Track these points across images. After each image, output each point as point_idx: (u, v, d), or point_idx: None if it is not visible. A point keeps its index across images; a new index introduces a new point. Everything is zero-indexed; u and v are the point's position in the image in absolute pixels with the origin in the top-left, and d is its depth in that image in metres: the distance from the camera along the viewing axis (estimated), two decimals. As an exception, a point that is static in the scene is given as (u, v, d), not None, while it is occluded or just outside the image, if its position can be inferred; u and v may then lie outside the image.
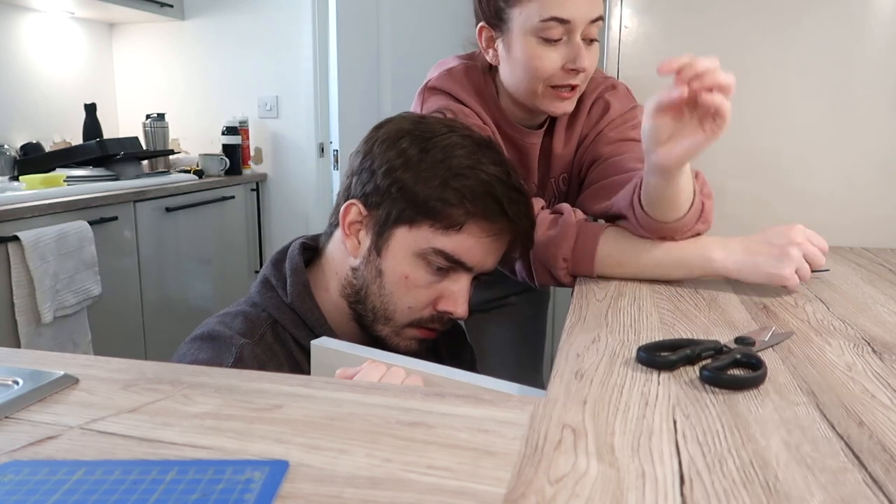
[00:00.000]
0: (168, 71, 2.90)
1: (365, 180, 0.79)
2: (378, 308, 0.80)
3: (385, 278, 0.78)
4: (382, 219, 0.78)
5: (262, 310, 0.82)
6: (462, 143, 0.78)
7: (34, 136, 2.47)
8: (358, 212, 0.80)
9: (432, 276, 0.78)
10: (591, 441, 0.43)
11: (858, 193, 1.26)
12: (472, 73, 1.05)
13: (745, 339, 0.63)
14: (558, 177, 1.12)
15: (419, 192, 0.75)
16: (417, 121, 0.81)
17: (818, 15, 1.23)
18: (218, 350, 0.75)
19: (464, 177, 0.75)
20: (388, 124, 0.82)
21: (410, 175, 0.76)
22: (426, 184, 0.75)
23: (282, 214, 2.91)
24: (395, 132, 0.79)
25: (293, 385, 0.51)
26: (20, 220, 1.70)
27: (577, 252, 0.90)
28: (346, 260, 0.82)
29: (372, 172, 0.78)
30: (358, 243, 0.80)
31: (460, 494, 0.36)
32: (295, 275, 0.82)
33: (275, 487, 0.36)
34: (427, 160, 0.76)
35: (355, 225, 0.80)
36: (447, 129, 0.79)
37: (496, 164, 0.78)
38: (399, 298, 0.79)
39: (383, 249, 0.78)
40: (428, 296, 0.79)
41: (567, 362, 0.59)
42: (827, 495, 0.37)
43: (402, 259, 0.78)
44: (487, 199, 0.76)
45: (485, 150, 0.79)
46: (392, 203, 0.77)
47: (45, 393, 0.49)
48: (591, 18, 0.93)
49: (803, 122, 1.27)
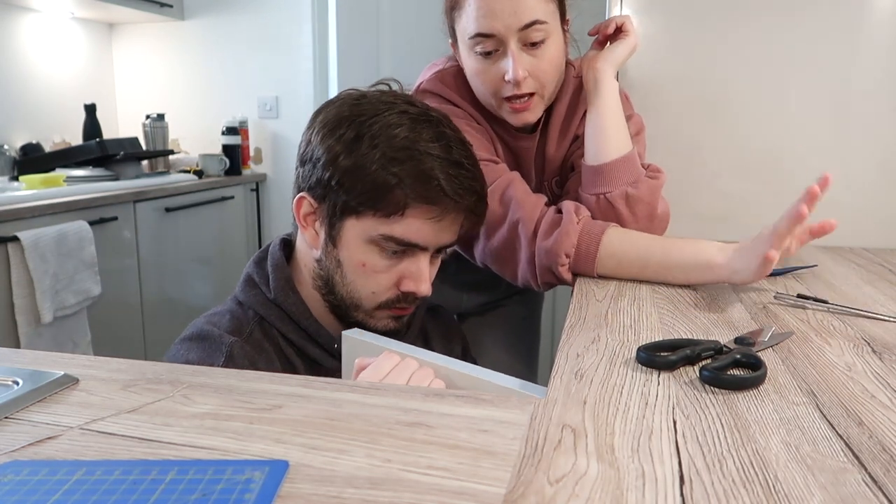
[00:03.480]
0: (168, 71, 2.90)
1: (309, 172, 0.78)
2: (345, 296, 0.81)
3: (344, 267, 0.79)
4: (330, 211, 0.78)
5: (247, 308, 0.82)
6: (398, 122, 0.75)
7: (34, 136, 2.47)
8: (309, 204, 0.79)
9: (388, 259, 0.78)
10: (590, 441, 0.43)
11: (858, 194, 1.26)
12: (462, 75, 1.04)
13: (745, 339, 0.63)
14: (551, 180, 1.12)
15: (357, 182, 0.74)
16: (355, 102, 0.79)
17: (818, 15, 1.23)
18: (208, 349, 0.75)
19: (398, 161, 0.73)
20: (326, 109, 0.80)
21: (348, 164, 0.74)
22: (363, 172, 0.74)
23: (282, 214, 2.91)
24: (333, 118, 0.77)
25: (293, 385, 0.51)
26: (20, 220, 1.70)
27: (580, 249, 0.90)
28: (310, 252, 0.82)
29: (314, 163, 0.77)
30: (315, 234, 0.81)
31: (460, 494, 0.36)
32: (277, 270, 0.83)
33: (275, 487, 0.36)
34: (362, 147, 0.74)
35: (310, 217, 0.80)
36: (385, 108, 0.77)
37: (435, 140, 0.75)
38: (361, 285, 0.79)
39: (337, 240, 0.79)
40: (389, 279, 0.79)
41: (567, 362, 0.59)
42: (827, 495, 0.37)
43: (356, 248, 0.78)
44: (424, 180, 0.74)
45: (424, 124, 0.76)
46: (335, 194, 0.76)
47: (44, 393, 0.49)
48: (519, 27, 0.90)
49: (803, 123, 1.27)
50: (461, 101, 1.03)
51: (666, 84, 1.32)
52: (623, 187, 0.93)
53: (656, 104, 1.32)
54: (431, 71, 1.07)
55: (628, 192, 0.93)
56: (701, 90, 1.30)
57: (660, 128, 1.32)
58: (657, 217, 0.96)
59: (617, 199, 0.93)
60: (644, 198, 0.94)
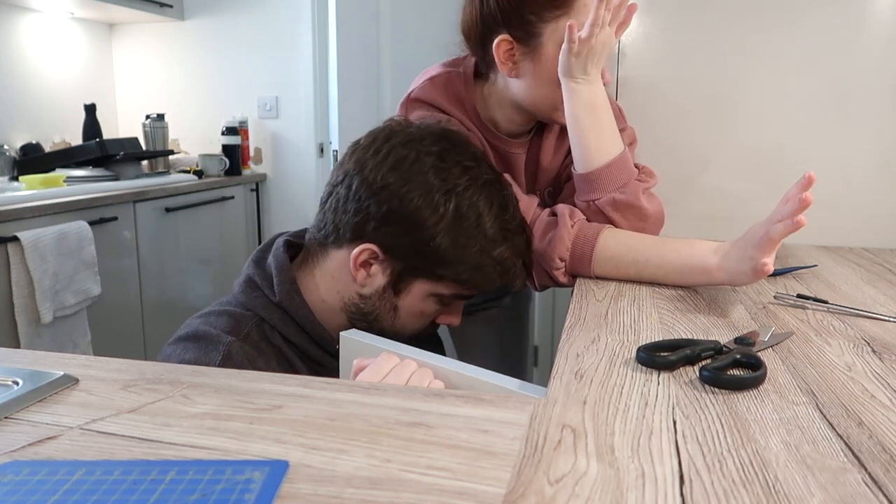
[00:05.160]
0: (168, 71, 2.90)
1: (380, 225, 0.77)
2: (387, 330, 0.82)
3: (400, 312, 0.82)
4: (405, 269, 0.79)
5: (247, 309, 0.81)
6: (486, 199, 0.78)
7: (34, 136, 2.47)
8: (372, 253, 0.78)
9: (443, 305, 0.83)
10: (590, 441, 0.43)
11: (858, 193, 1.26)
12: (453, 81, 1.04)
13: (744, 339, 0.63)
14: (544, 190, 1.12)
15: (455, 260, 0.77)
16: (437, 166, 0.77)
17: (818, 14, 1.23)
18: (205, 349, 0.75)
19: (496, 243, 0.78)
20: (405, 152, 0.77)
21: (446, 241, 0.76)
22: (463, 252, 0.77)
23: (281, 214, 2.91)
24: (422, 185, 0.75)
25: (293, 385, 0.51)
26: (20, 220, 1.70)
27: (575, 253, 0.91)
28: (350, 284, 0.81)
29: (404, 227, 0.76)
30: (368, 276, 0.80)
31: (460, 494, 0.36)
32: (282, 273, 0.82)
33: (275, 487, 0.36)
34: (464, 227, 0.76)
35: (368, 263, 0.79)
36: (468, 180, 0.77)
37: (513, 218, 0.81)
38: (411, 326, 0.84)
39: (402, 292, 0.80)
40: (432, 317, 0.85)
41: (567, 362, 0.59)
42: (827, 495, 0.37)
43: (420, 300, 0.81)
44: (517, 267, 0.82)
45: (496, 195, 0.79)
46: (419, 260, 0.78)
47: (44, 393, 0.49)
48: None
49: (803, 122, 1.27)
50: (451, 107, 1.03)
51: (666, 84, 1.32)
52: (610, 193, 0.94)
53: (656, 104, 1.32)
54: (424, 78, 1.07)
55: (616, 197, 0.93)
56: (701, 90, 1.30)
57: (659, 128, 1.32)
58: (650, 217, 0.96)
59: (605, 206, 0.94)
60: (633, 202, 0.94)
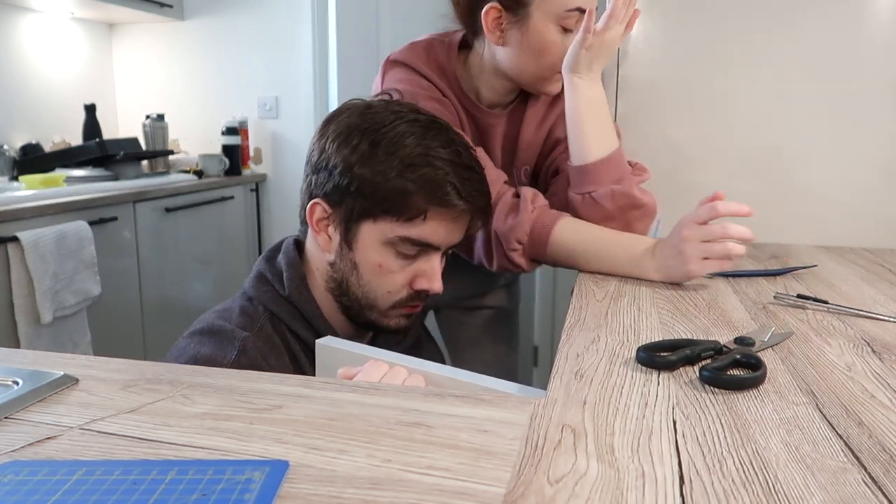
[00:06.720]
0: (168, 71, 2.90)
1: (324, 179, 0.81)
2: (360, 297, 0.83)
3: (360, 269, 0.82)
4: (346, 215, 0.81)
5: (258, 303, 0.83)
6: (410, 130, 0.79)
7: (34, 136, 2.47)
8: (323, 210, 0.82)
9: (403, 259, 0.82)
10: (590, 441, 0.43)
11: (858, 194, 1.26)
12: (434, 47, 1.07)
13: (744, 339, 0.63)
14: (521, 168, 1.13)
15: (376, 188, 0.78)
16: (364, 112, 0.82)
17: (818, 15, 1.23)
18: (220, 344, 0.76)
19: (416, 166, 0.77)
20: (336, 119, 0.83)
21: (365, 171, 0.78)
22: (382, 178, 0.77)
23: (281, 214, 2.90)
24: (345, 128, 0.81)
25: (293, 385, 0.51)
26: (20, 220, 1.70)
27: (533, 237, 0.95)
28: (322, 256, 0.85)
29: (329, 171, 0.80)
30: (329, 238, 0.83)
31: (460, 494, 0.36)
32: (291, 269, 0.85)
33: (275, 488, 0.36)
34: (379, 154, 0.78)
35: (322, 222, 0.83)
36: (394, 117, 0.81)
37: (446, 146, 0.80)
38: (378, 285, 0.83)
39: (353, 243, 0.81)
40: (403, 278, 0.83)
41: (567, 362, 0.59)
42: (827, 495, 0.37)
43: (373, 249, 0.81)
44: (444, 186, 0.78)
45: (434, 132, 0.81)
46: (353, 199, 0.79)
47: (44, 393, 0.49)
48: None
49: (803, 123, 1.27)
50: (429, 71, 1.05)
51: (666, 84, 1.32)
52: (609, 186, 0.96)
53: (656, 104, 1.32)
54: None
55: (614, 189, 0.96)
56: (701, 90, 1.30)
57: (659, 128, 1.32)
58: (644, 209, 0.98)
59: (603, 198, 0.96)
60: (630, 194, 0.97)
